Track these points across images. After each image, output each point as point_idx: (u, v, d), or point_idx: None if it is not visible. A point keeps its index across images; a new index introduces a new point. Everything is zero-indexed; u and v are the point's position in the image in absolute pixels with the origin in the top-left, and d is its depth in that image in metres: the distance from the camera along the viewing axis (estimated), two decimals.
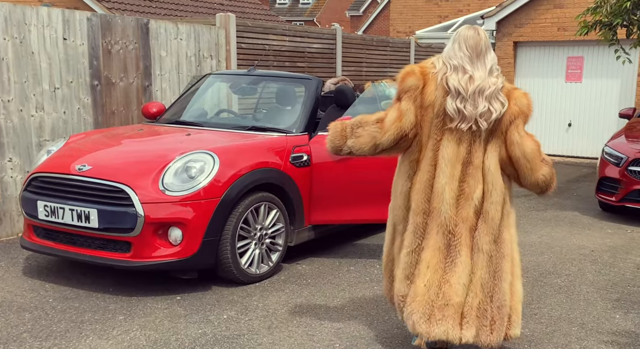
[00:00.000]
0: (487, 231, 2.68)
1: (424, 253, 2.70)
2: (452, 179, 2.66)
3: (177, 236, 3.64)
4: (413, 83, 2.68)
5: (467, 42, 2.68)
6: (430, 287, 2.65)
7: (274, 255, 4.11)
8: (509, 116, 2.67)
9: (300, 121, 4.41)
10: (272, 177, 4.03)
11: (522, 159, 2.70)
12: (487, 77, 2.65)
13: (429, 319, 2.64)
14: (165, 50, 6.11)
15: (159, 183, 3.65)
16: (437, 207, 2.68)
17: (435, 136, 2.69)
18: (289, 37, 7.52)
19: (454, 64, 2.66)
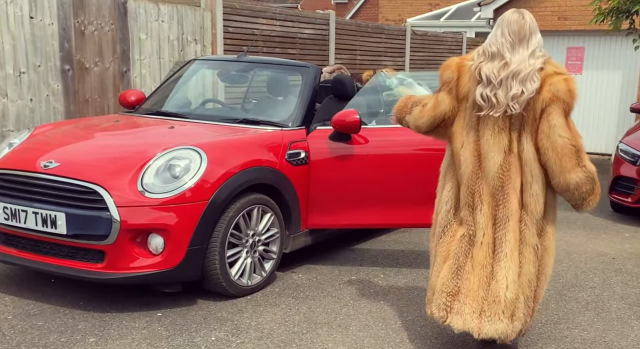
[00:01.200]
0: (531, 223, 2.65)
1: (474, 248, 2.69)
2: (494, 169, 2.64)
3: (159, 245, 3.22)
4: (448, 76, 2.72)
5: (509, 27, 2.62)
6: (479, 283, 2.65)
7: (267, 264, 3.72)
8: (541, 102, 2.56)
9: (297, 114, 3.99)
10: (266, 177, 3.62)
11: (550, 152, 2.57)
12: (526, 60, 2.56)
13: (480, 316, 2.63)
14: (145, 33, 5.64)
15: (137, 184, 3.22)
16: (482, 200, 2.66)
17: (475, 127, 2.69)
18: (280, 22, 7.10)
19: (492, 51, 2.62)
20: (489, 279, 2.65)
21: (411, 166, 3.87)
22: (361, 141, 3.90)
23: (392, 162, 3.88)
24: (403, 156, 3.88)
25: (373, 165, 3.89)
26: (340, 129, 3.81)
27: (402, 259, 4.34)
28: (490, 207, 2.67)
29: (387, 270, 4.08)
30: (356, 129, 3.77)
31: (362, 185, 3.92)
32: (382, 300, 3.54)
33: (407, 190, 3.89)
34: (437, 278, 2.75)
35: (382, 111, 4.80)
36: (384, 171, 3.89)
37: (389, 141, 3.94)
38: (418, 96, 2.96)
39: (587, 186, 2.60)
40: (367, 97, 4.50)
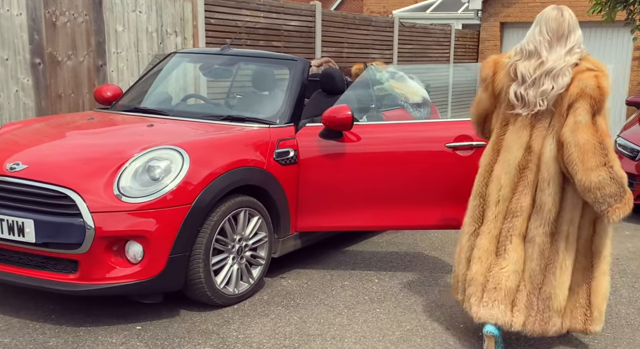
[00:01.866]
0: (540, 222, 2.67)
1: (478, 238, 2.78)
2: (510, 165, 2.69)
3: (137, 253, 3.01)
4: (485, 73, 2.81)
5: (548, 25, 2.64)
6: (482, 271, 2.73)
7: (255, 270, 3.52)
8: (569, 97, 2.57)
9: (285, 110, 3.78)
10: (253, 178, 3.41)
11: (572, 147, 2.52)
12: (562, 58, 2.59)
13: (479, 302, 2.71)
14: (121, 25, 5.38)
15: (113, 187, 3.00)
16: (493, 193, 2.73)
17: (502, 122, 2.77)
18: (264, 13, 6.87)
19: (529, 49, 2.66)
20: (491, 267, 2.72)
21: (406, 165, 3.69)
22: (353, 138, 3.71)
23: (386, 160, 3.70)
24: (397, 154, 3.70)
25: (366, 164, 3.70)
26: (331, 126, 3.61)
27: (396, 262, 4.17)
28: (504, 202, 2.72)
29: (381, 274, 3.91)
30: (348, 126, 3.58)
31: (354, 185, 3.73)
32: (378, 308, 3.36)
33: (402, 190, 3.71)
34: (458, 267, 2.92)
35: (373, 106, 4.63)
36: (378, 170, 3.70)
37: (382, 138, 3.75)
38: None
39: (611, 188, 2.50)
40: (358, 92, 4.31)
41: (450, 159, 3.63)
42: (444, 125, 3.74)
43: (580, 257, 2.73)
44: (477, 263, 2.75)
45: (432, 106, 5.12)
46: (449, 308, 3.37)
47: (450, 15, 14.43)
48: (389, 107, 4.73)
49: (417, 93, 4.98)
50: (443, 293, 3.60)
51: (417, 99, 4.93)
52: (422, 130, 3.80)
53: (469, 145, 3.60)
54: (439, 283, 3.77)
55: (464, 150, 3.62)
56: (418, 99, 4.94)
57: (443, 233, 4.75)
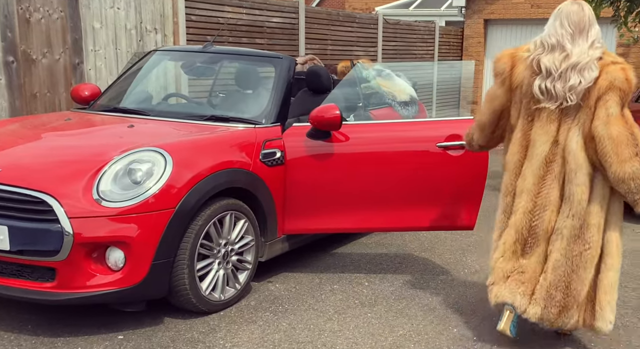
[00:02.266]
0: (569, 214, 2.68)
1: (505, 231, 2.81)
2: (539, 159, 2.71)
3: (118, 259, 2.90)
4: (501, 67, 2.80)
5: (569, 18, 2.67)
6: (503, 261, 2.79)
7: (241, 275, 3.43)
8: (597, 90, 2.60)
9: (271, 109, 3.70)
10: (239, 180, 3.32)
11: (606, 140, 2.56)
12: (586, 52, 2.63)
13: (500, 286, 2.78)
14: (99, 22, 5.25)
15: (92, 191, 2.88)
16: (521, 188, 2.76)
17: (527, 117, 2.76)
18: (246, 10, 6.77)
19: (552, 42, 2.68)
20: (516, 258, 2.78)
21: (396, 165, 3.63)
22: (341, 138, 3.64)
23: (376, 160, 3.63)
24: (387, 154, 3.63)
25: (355, 164, 3.63)
26: (319, 126, 3.53)
27: (386, 264, 4.11)
28: (531, 195, 2.74)
29: (371, 277, 3.84)
30: (337, 126, 3.50)
31: (343, 186, 3.66)
32: (369, 312, 3.30)
33: (392, 191, 3.65)
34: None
35: (361, 105, 4.56)
36: (367, 170, 3.63)
37: (371, 138, 3.68)
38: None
39: None
40: (345, 90, 4.24)
41: (441, 159, 3.58)
42: (435, 124, 3.68)
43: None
44: (499, 252, 2.82)
45: (420, 104, 5.07)
46: (442, 311, 3.32)
47: (434, 12, 14.44)
48: (376, 105, 4.67)
49: (404, 91, 4.93)
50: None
51: (404, 97, 4.88)
52: (412, 129, 3.74)
53: (460, 144, 3.54)
54: (430, 285, 3.72)
55: (455, 150, 3.57)
56: (406, 98, 4.88)
57: (432, 234, 4.71)
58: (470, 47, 11.46)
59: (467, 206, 3.63)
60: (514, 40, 11.27)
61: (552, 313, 2.72)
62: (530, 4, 10.79)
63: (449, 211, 3.64)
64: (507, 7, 11.01)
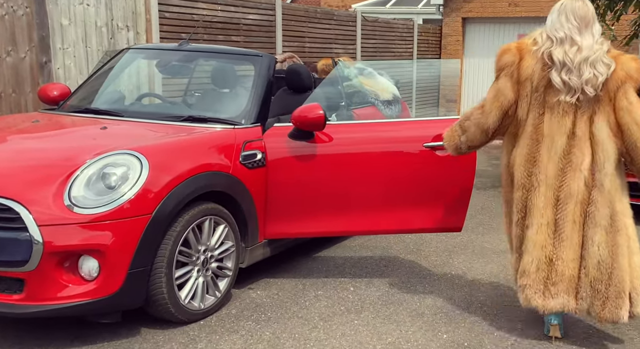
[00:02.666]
0: (603, 203, 2.75)
1: (529, 230, 2.83)
2: (556, 152, 2.77)
3: (92, 269, 2.78)
4: (509, 59, 2.82)
5: (575, 13, 2.77)
6: (540, 264, 2.79)
7: (222, 282, 3.33)
8: (615, 81, 2.73)
9: (251, 109, 3.60)
10: (218, 184, 3.22)
11: (632, 126, 2.71)
12: (593, 46, 2.74)
13: (544, 294, 2.79)
14: (67, 18, 5.09)
15: (64, 197, 2.76)
16: (541, 181, 2.78)
17: (537, 110, 2.80)
18: (222, 6, 6.65)
19: (560, 36, 2.75)
20: (550, 259, 2.78)
21: (382, 166, 3.57)
22: (325, 139, 3.56)
23: (361, 162, 3.57)
24: (373, 155, 3.57)
25: (339, 166, 3.56)
26: (302, 127, 3.46)
27: (372, 267, 4.05)
28: (551, 189, 2.78)
29: (356, 282, 3.78)
30: (320, 126, 3.43)
31: (327, 188, 3.59)
32: (356, 319, 3.23)
33: (378, 192, 3.59)
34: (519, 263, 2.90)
35: (343, 104, 4.50)
36: (352, 172, 3.57)
37: (356, 139, 3.62)
38: (461, 116, 3.09)
39: None
40: (326, 89, 4.17)
41: (428, 159, 3.53)
42: (421, 124, 3.63)
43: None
44: (531, 255, 2.80)
45: (403, 103, 5.03)
46: (431, 317, 3.27)
47: (411, 10, 14.46)
48: (359, 104, 4.61)
49: (387, 90, 4.88)
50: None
51: (387, 96, 4.83)
52: (398, 129, 3.68)
53: None
54: (418, 289, 3.67)
55: (442, 150, 3.52)
56: (388, 96, 4.84)
57: (417, 235, 4.66)
58: (448, 46, 11.50)
59: (455, 207, 3.58)
60: (493, 38, 11.34)
61: (599, 307, 2.76)
62: (508, 3, 10.87)
63: (437, 213, 3.60)
64: (485, 5, 11.08)
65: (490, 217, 5.36)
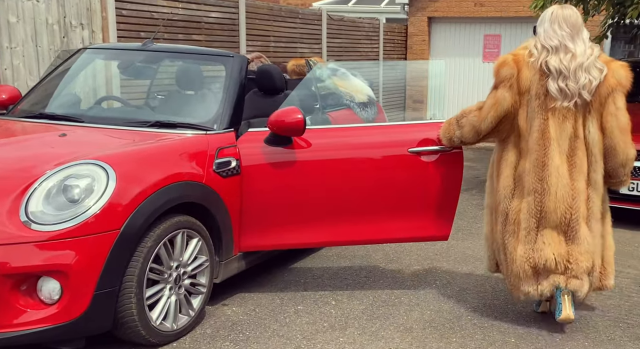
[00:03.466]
0: (597, 198, 3.07)
1: (544, 231, 3.01)
2: (563, 155, 2.98)
3: (53, 291, 2.58)
4: (507, 72, 2.99)
5: (567, 21, 2.97)
6: (560, 259, 3.00)
7: (195, 300, 3.16)
8: (607, 87, 2.96)
9: (223, 113, 3.44)
10: (191, 195, 3.05)
11: (616, 131, 2.98)
12: (585, 52, 2.95)
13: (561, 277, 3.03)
14: (15, 15, 4.80)
15: (20, 213, 2.56)
16: (553, 184, 2.97)
17: (541, 116, 2.99)
18: (182, 4, 6.44)
19: (554, 44, 2.95)
20: (569, 254, 3.00)
21: (365, 173, 3.46)
22: (303, 144, 3.43)
23: (342, 168, 3.45)
24: (354, 161, 3.46)
25: (319, 172, 3.43)
26: (279, 131, 3.32)
27: (352, 278, 3.93)
28: (567, 189, 2.98)
29: (337, 294, 3.66)
30: (299, 131, 3.29)
31: (306, 197, 3.45)
32: (341, 337, 3.11)
33: (361, 201, 3.47)
34: (515, 264, 3.07)
35: (318, 106, 4.38)
36: (333, 179, 3.45)
37: (337, 144, 3.49)
38: (459, 112, 3.24)
39: (633, 159, 3.08)
40: (303, 92, 4.04)
41: (413, 165, 3.44)
42: (405, 128, 3.54)
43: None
44: (547, 253, 3.00)
45: (378, 105, 4.95)
46: (420, 331, 3.18)
47: (374, 9, 14.46)
48: (334, 107, 4.50)
49: (362, 91, 4.79)
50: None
51: (362, 98, 4.73)
52: (381, 134, 3.57)
53: (433, 150, 3.42)
54: (403, 301, 3.57)
55: (428, 155, 3.44)
56: (364, 98, 4.74)
57: (397, 244, 4.58)
58: (414, 45, 11.53)
59: (442, 215, 3.50)
60: (458, 38, 11.43)
61: (597, 280, 3.15)
62: (474, 2, 10.97)
63: (422, 221, 3.50)
64: (450, 5, 11.15)
65: (469, 223, 5.32)
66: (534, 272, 3.04)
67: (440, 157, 3.43)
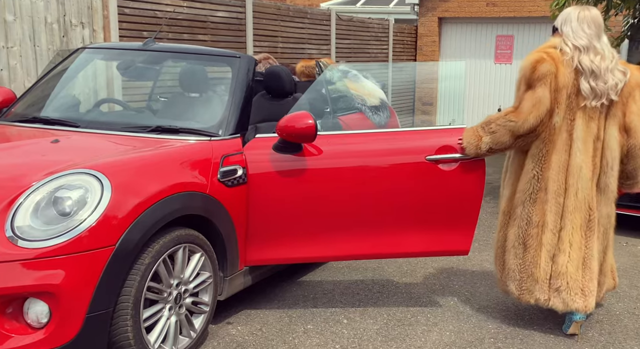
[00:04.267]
0: (605, 203, 3.08)
1: (563, 232, 2.99)
2: (587, 156, 2.97)
3: (41, 314, 2.35)
4: (547, 69, 2.92)
5: (595, 22, 2.99)
6: (578, 264, 2.98)
7: (197, 319, 2.94)
8: (628, 88, 2.99)
9: (229, 118, 3.20)
10: (193, 206, 2.82)
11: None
12: (609, 53, 2.98)
13: (584, 294, 2.99)
14: (12, 13, 4.59)
15: (5, 227, 2.33)
16: (574, 185, 2.96)
17: (569, 116, 2.96)
18: (187, 2, 6.21)
19: (584, 44, 2.95)
20: (585, 259, 3.00)
21: (379, 182, 3.21)
22: (314, 151, 3.20)
23: (355, 177, 3.21)
24: (369, 170, 3.21)
25: (331, 181, 3.19)
26: (289, 138, 3.08)
27: (364, 293, 3.69)
28: (584, 191, 2.98)
29: (349, 312, 3.42)
30: (310, 138, 3.06)
31: (317, 208, 3.21)
32: None
33: (374, 212, 3.23)
34: (537, 268, 3.00)
35: (328, 110, 4.14)
36: (345, 189, 3.20)
37: (349, 151, 3.24)
38: (482, 121, 3.11)
39: None
40: (315, 95, 3.81)
41: (431, 174, 3.19)
42: (422, 134, 3.28)
43: None
44: (568, 257, 2.97)
45: (390, 108, 4.70)
46: None
47: (382, 9, 14.21)
48: (345, 110, 4.26)
49: (374, 94, 4.55)
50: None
51: (374, 101, 4.49)
52: (396, 140, 3.32)
53: (452, 157, 3.17)
54: (419, 320, 3.33)
55: (447, 163, 3.19)
56: (376, 102, 4.50)
57: None
58: (424, 46, 11.27)
59: (461, 228, 3.25)
60: (470, 39, 11.16)
61: (601, 292, 3.20)
62: (485, 2, 10.68)
63: (441, 234, 3.26)
64: (462, 5, 10.88)
65: (485, 232, 5.07)
66: (550, 280, 3.01)
67: (460, 166, 3.19)
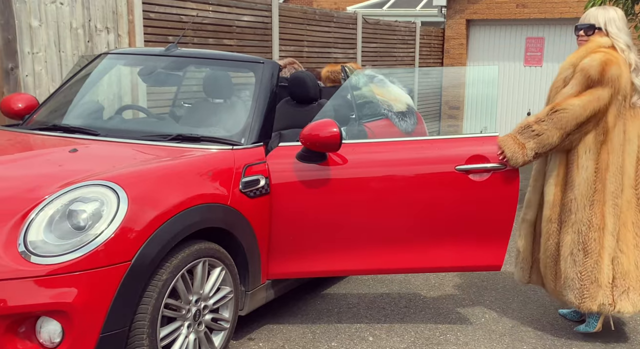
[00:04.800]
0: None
1: (621, 232, 2.97)
2: (635, 155, 2.98)
3: (54, 334, 2.24)
4: (617, 72, 2.89)
5: (625, 22, 3.04)
6: (637, 264, 2.95)
7: (217, 336, 2.80)
8: None
9: (252, 126, 3.06)
10: (214, 219, 2.69)
11: None
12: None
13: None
14: (37, 19, 4.53)
15: (18, 242, 2.22)
16: (627, 185, 2.97)
17: (623, 116, 2.96)
18: (213, 7, 6.12)
19: (629, 43, 3.00)
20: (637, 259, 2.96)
21: (407, 193, 3.04)
22: (339, 161, 3.04)
23: (382, 188, 3.04)
24: (396, 180, 3.04)
25: (357, 193, 3.03)
26: (313, 147, 2.93)
27: (390, 308, 3.52)
28: (632, 190, 2.98)
29: (375, 328, 3.25)
30: (335, 147, 2.90)
31: (343, 219, 3.05)
32: None
33: (402, 224, 3.06)
34: (601, 272, 2.92)
35: (354, 117, 3.98)
36: (372, 200, 3.04)
37: (376, 161, 3.08)
38: (515, 128, 3.03)
39: None
40: (341, 102, 3.66)
41: (462, 185, 3.01)
42: (452, 142, 3.10)
43: None
44: (630, 257, 2.94)
45: (418, 114, 4.52)
46: None
47: (409, 12, 13.99)
48: (370, 117, 4.10)
49: (400, 100, 4.38)
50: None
51: (401, 106, 4.32)
52: (425, 148, 3.13)
53: (484, 167, 2.99)
54: (449, 339, 3.14)
55: (478, 173, 3.00)
56: (402, 107, 4.33)
57: None
58: (451, 49, 11.03)
59: (494, 242, 3.06)
60: (498, 41, 10.89)
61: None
62: (515, 4, 10.40)
63: (472, 249, 3.07)
64: (490, 6, 10.61)
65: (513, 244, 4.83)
66: (613, 283, 2.95)
67: (492, 176, 3.00)
